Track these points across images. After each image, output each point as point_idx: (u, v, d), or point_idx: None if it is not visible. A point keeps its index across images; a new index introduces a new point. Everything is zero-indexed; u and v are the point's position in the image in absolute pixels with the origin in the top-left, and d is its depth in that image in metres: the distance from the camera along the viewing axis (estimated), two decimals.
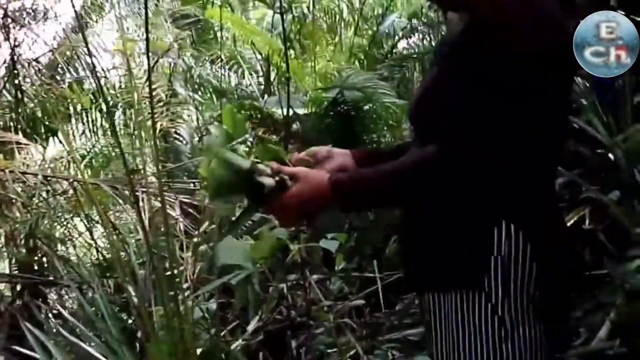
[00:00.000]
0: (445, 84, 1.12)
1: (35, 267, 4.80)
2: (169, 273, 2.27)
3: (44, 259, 4.81)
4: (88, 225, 4.23)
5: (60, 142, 5.36)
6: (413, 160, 1.12)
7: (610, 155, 2.70)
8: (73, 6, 2.16)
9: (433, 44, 6.31)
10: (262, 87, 6.61)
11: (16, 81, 4.73)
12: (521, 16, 1.05)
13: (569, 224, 2.47)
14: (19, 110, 5.01)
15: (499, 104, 1.04)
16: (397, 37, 6.80)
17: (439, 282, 1.13)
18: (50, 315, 4.32)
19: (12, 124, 5.27)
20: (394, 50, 6.82)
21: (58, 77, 6.11)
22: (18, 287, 4.62)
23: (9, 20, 4.25)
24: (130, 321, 3.34)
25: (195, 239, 2.99)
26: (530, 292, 1.08)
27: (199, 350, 2.24)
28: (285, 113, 3.64)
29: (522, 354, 1.07)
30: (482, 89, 1.05)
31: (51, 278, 4.55)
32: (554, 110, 1.12)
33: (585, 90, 2.94)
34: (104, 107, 5.14)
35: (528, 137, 1.07)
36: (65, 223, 4.43)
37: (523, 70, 1.04)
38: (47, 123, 5.23)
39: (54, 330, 3.13)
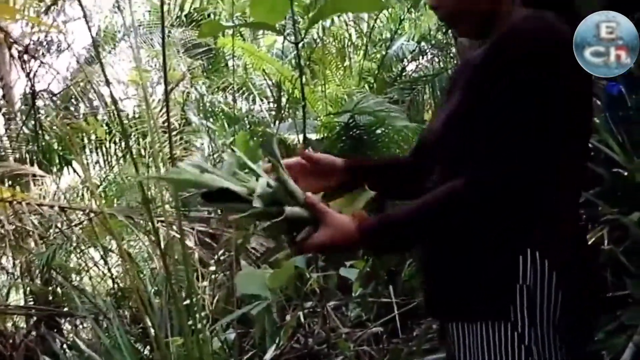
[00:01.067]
0: (472, 108, 1.10)
1: (51, 298, 4.81)
2: (186, 303, 2.27)
3: (60, 290, 4.83)
4: (103, 255, 4.25)
5: (75, 172, 5.41)
6: (442, 197, 1.09)
7: (625, 173, 2.67)
8: (92, 37, 2.19)
9: (442, 65, 6.35)
10: (274, 112, 6.65)
11: (34, 114, 4.81)
12: (541, 40, 1.05)
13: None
14: (37, 142, 5.08)
15: (526, 127, 1.03)
16: (406, 60, 6.84)
17: (464, 312, 1.12)
18: (65, 346, 4.31)
19: (27, 156, 5.35)
20: (403, 73, 6.85)
21: (72, 108, 6.20)
22: (33, 319, 4.63)
23: (28, 56, 4.34)
24: (147, 352, 3.33)
25: (211, 268, 2.99)
26: (556, 320, 1.06)
27: None
28: (300, 139, 3.64)
29: None
30: (507, 112, 1.04)
31: (67, 309, 4.56)
32: (580, 131, 1.11)
33: (597, 108, 2.93)
34: (118, 137, 5.20)
35: (555, 161, 1.06)
36: (80, 254, 4.45)
37: (552, 91, 1.03)
38: (62, 154, 5.29)
39: None
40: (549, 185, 1.06)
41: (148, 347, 3.26)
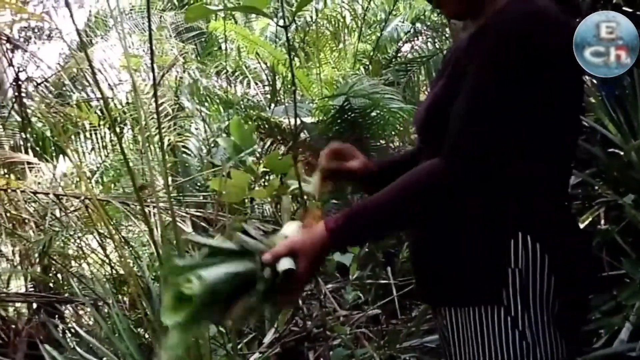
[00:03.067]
0: (457, 91, 1.08)
1: (51, 285, 4.81)
2: None
3: (59, 276, 4.83)
4: (100, 242, 4.24)
5: (70, 160, 5.39)
6: (419, 177, 1.06)
7: (621, 153, 2.66)
8: (74, 25, 2.17)
9: (437, 46, 6.31)
10: (269, 96, 6.62)
11: (20, 102, 4.79)
12: (523, 20, 1.04)
13: (584, 224, 2.45)
14: (27, 130, 5.05)
15: (510, 105, 1.02)
16: (400, 42, 6.80)
17: (456, 297, 1.11)
18: (67, 332, 4.33)
19: (22, 143, 5.32)
20: (398, 55, 6.81)
21: (66, 95, 6.16)
22: (34, 306, 4.63)
23: (12, 46, 4.30)
24: (147, 336, 3.33)
25: None
26: (550, 304, 1.06)
27: None
28: (292, 124, 3.62)
29: None
30: (492, 92, 1.03)
31: (67, 296, 4.56)
32: (567, 111, 1.10)
33: (592, 88, 2.91)
34: (111, 123, 5.17)
35: (541, 140, 1.05)
36: (78, 240, 4.45)
37: (533, 71, 1.02)
38: (55, 141, 5.26)
39: (72, 348, 3.13)
40: (536, 163, 1.06)
41: (148, 332, 3.27)
